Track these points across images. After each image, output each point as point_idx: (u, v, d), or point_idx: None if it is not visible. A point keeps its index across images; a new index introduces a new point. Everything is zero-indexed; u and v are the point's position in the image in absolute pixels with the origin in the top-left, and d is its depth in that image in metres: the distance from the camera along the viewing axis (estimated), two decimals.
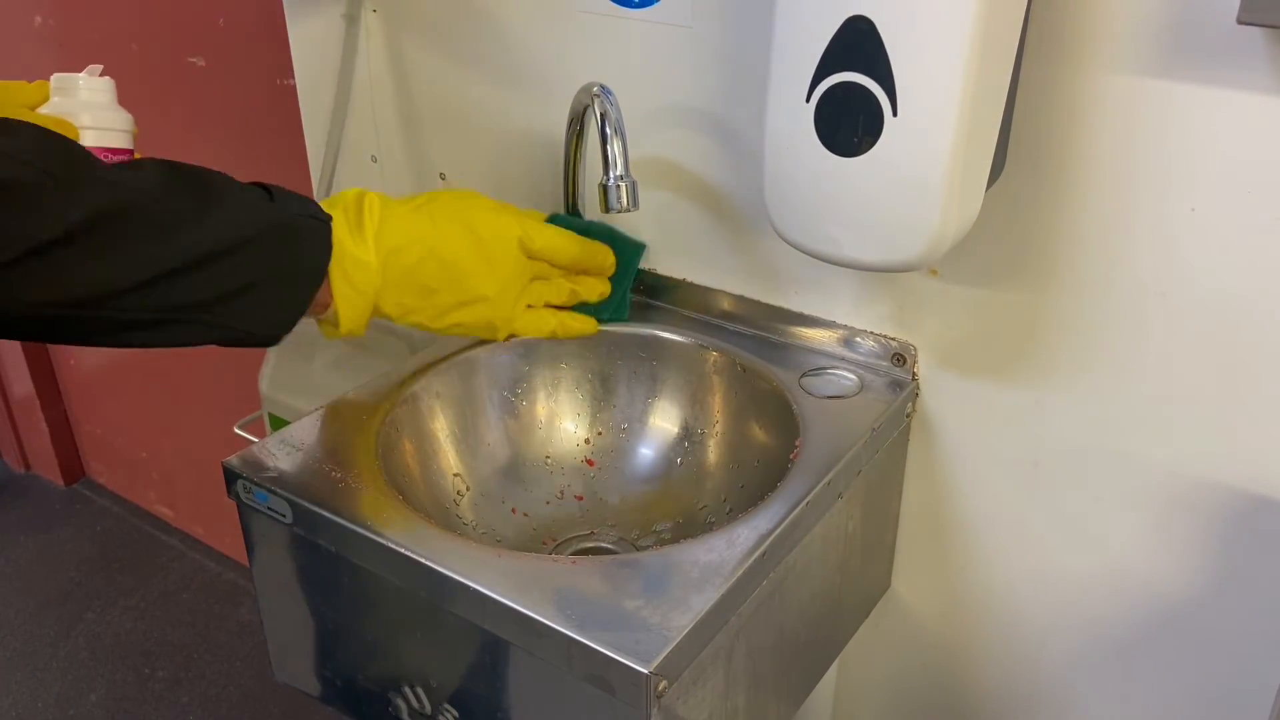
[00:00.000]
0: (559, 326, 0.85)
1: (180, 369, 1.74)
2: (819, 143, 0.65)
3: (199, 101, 1.43)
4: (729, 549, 0.66)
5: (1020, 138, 0.71)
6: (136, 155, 0.81)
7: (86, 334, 0.65)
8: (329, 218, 0.73)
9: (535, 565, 0.66)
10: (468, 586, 0.63)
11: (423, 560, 0.65)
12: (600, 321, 0.88)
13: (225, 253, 0.66)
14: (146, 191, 0.64)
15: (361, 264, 0.74)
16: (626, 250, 0.89)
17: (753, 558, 0.65)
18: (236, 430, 1.05)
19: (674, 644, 0.58)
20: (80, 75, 0.79)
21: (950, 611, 0.90)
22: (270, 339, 0.71)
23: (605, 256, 0.87)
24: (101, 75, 0.80)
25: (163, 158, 0.68)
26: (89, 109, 0.78)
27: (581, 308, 0.87)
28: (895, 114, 0.62)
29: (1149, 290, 0.71)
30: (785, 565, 0.70)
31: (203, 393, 1.72)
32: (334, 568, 0.72)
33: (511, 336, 0.85)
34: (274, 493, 0.71)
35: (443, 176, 1.05)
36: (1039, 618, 0.86)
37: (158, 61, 1.45)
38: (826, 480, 0.72)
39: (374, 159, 1.10)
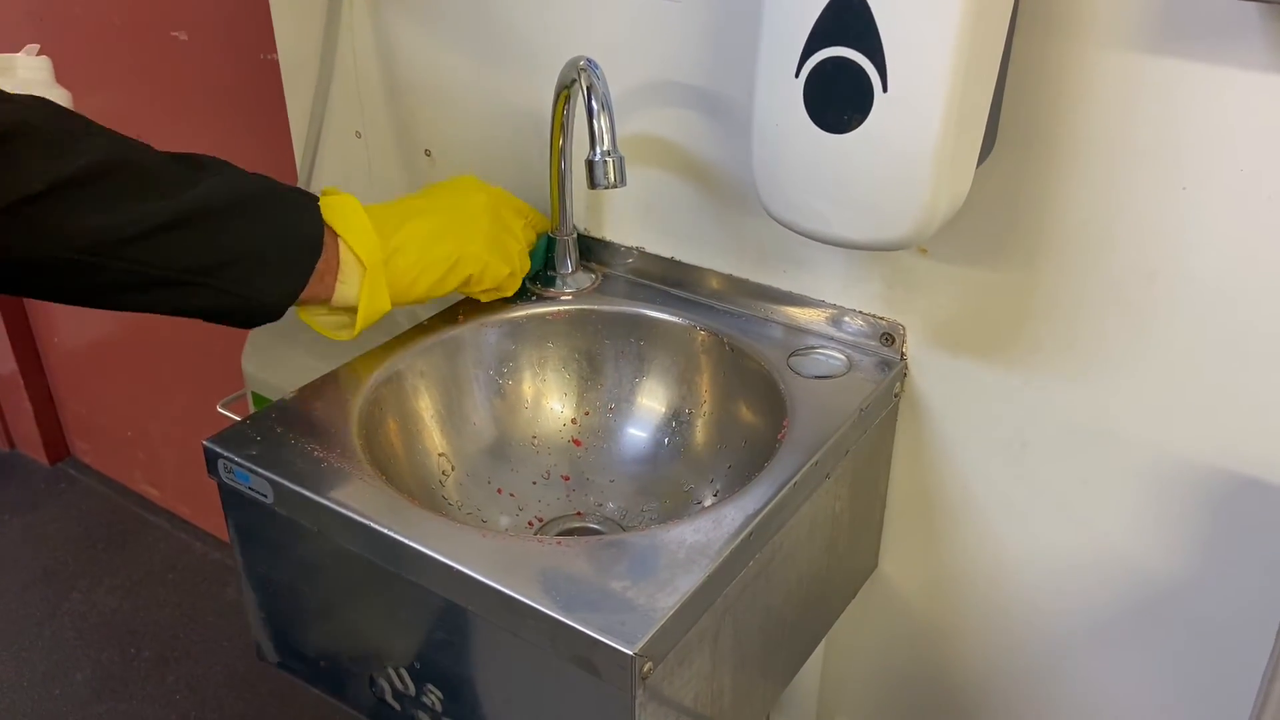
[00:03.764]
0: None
1: (165, 347, 1.73)
2: (808, 119, 0.65)
3: (181, 76, 1.41)
4: (716, 529, 0.65)
5: (1011, 114, 0.70)
6: None
7: (94, 289, 0.67)
8: (315, 196, 0.75)
9: (520, 546, 0.65)
10: (451, 567, 0.63)
11: (405, 541, 0.64)
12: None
13: (223, 210, 0.68)
14: (149, 154, 0.68)
15: (363, 233, 0.75)
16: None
17: (739, 538, 0.65)
18: (219, 409, 1.04)
19: (659, 625, 0.58)
20: (19, 55, 0.82)
21: (937, 591, 0.90)
22: (273, 308, 0.72)
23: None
24: (39, 55, 0.83)
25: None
26: (28, 87, 0.80)
27: None
28: (885, 90, 0.61)
29: (1139, 270, 0.71)
30: (772, 546, 0.69)
31: (188, 371, 1.71)
32: (316, 548, 0.71)
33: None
34: (255, 473, 0.70)
35: (428, 153, 1.04)
36: (1026, 598, 0.86)
37: (140, 35, 1.43)
38: (814, 461, 0.71)
39: (358, 134, 1.08)
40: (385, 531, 0.65)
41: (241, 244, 0.69)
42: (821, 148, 0.65)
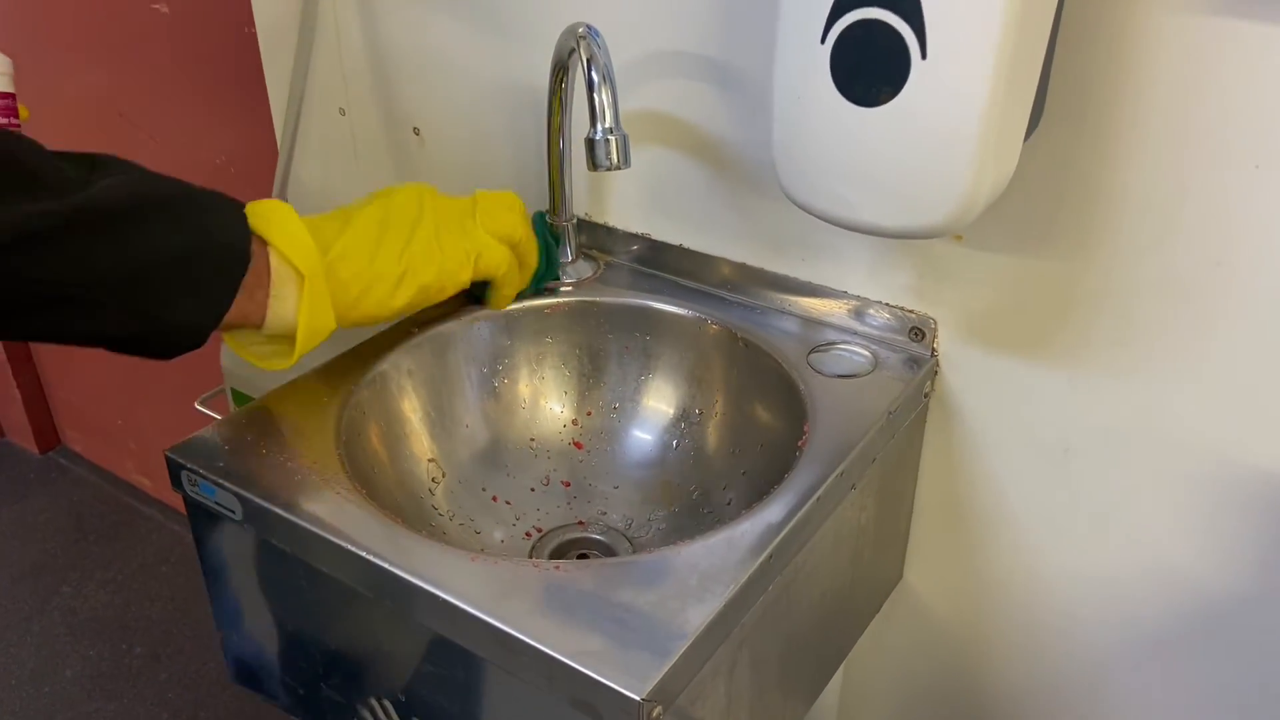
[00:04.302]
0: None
1: None
2: (835, 91, 0.59)
3: (162, 50, 1.38)
4: (731, 551, 0.60)
5: (1062, 83, 0.65)
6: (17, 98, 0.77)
7: None
8: (239, 201, 0.66)
9: (514, 571, 0.59)
10: (437, 597, 0.57)
11: (387, 565, 0.59)
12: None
13: (124, 214, 0.59)
14: (31, 147, 0.58)
15: (298, 239, 0.65)
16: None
17: (758, 561, 0.59)
18: (197, 406, 1.00)
19: (670, 664, 0.53)
20: None
21: (967, 605, 0.86)
22: (194, 333, 0.63)
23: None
24: None
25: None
26: None
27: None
28: (924, 56, 0.56)
29: (1202, 258, 0.65)
30: (794, 566, 0.64)
31: (180, 359, 1.66)
32: (290, 570, 0.66)
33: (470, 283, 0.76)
34: (222, 486, 0.65)
35: (416, 131, 0.99)
36: (1065, 610, 0.81)
37: (120, 8, 1.40)
38: (839, 471, 0.66)
39: (342, 111, 1.04)
40: (363, 554, 0.59)
41: (149, 254, 0.59)
42: (849, 123, 0.60)
